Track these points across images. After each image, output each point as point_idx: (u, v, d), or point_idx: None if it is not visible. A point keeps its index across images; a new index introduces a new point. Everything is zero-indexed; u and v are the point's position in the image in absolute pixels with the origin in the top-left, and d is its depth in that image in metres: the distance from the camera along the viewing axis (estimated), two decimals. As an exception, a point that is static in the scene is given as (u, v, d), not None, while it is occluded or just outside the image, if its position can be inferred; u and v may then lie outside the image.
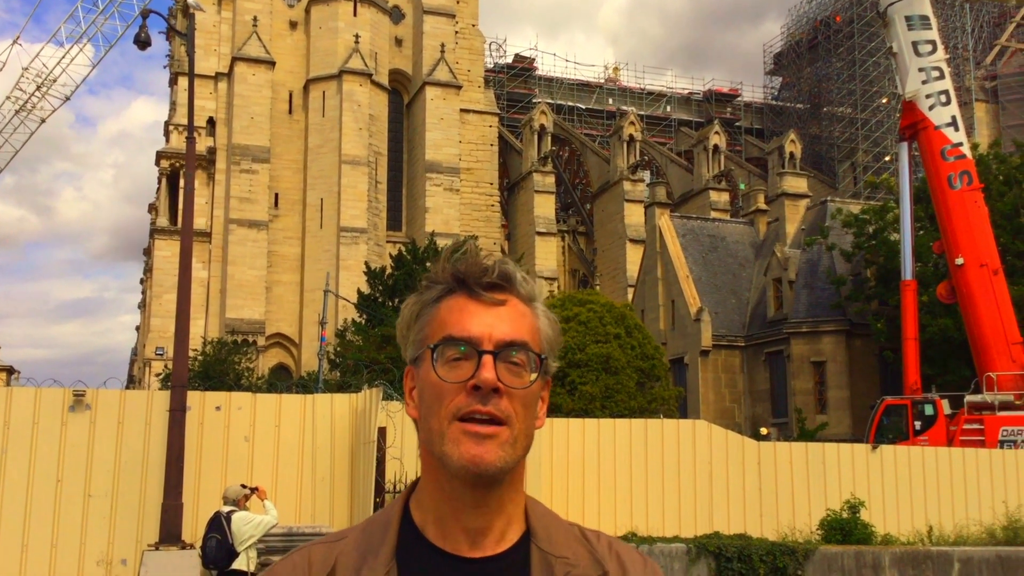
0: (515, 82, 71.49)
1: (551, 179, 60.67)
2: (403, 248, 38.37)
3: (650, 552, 13.43)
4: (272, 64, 54.52)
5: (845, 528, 15.14)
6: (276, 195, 54.26)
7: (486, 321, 1.48)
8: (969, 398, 26.42)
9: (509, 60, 72.45)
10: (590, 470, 15.33)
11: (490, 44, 69.26)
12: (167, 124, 59.36)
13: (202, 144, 52.87)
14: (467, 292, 1.51)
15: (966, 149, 28.55)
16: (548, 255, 58.87)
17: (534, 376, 1.49)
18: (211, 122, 55.60)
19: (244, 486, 10.72)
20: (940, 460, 17.77)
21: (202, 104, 53.43)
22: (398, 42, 59.78)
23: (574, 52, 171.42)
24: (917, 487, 17.20)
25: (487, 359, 1.45)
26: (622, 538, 13.24)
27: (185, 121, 53.80)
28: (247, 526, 9.96)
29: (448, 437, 1.44)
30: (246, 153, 53.15)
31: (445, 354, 1.47)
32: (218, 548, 9.88)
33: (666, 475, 15.65)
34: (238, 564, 9.84)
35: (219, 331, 49.74)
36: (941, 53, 29.31)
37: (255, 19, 54.42)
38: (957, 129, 28.41)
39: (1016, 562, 15.16)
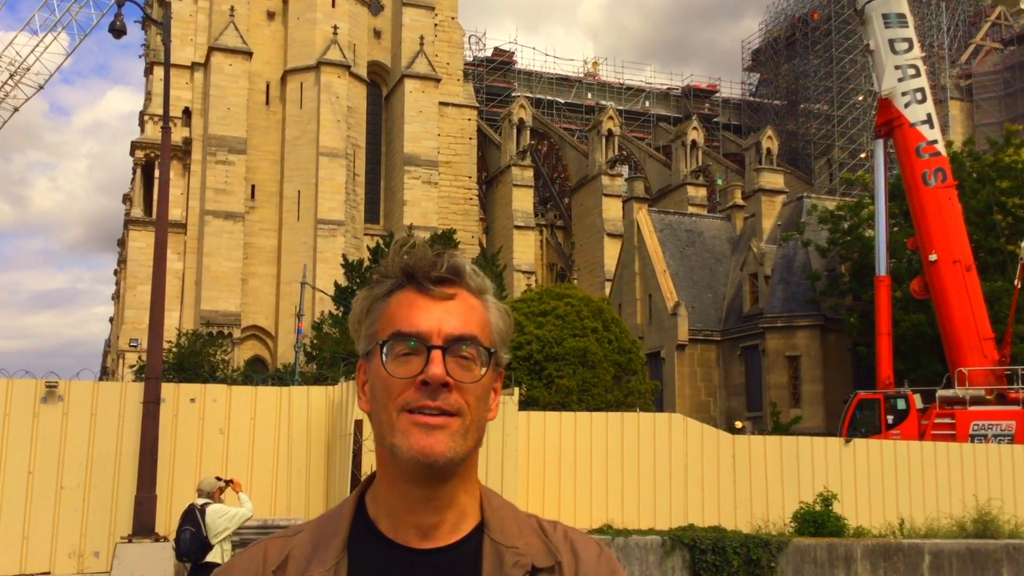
0: (494, 76, 71.39)
1: (529, 173, 60.69)
2: (381, 241, 38.29)
3: (625, 544, 13.50)
4: (249, 55, 54.14)
5: (818, 521, 15.29)
6: (252, 187, 53.93)
7: (435, 316, 1.48)
8: (941, 393, 26.71)
9: (488, 53, 72.34)
10: (566, 463, 15.38)
11: (469, 37, 69.15)
12: (142, 114, 58.81)
13: (178, 135, 52.45)
14: (416, 286, 1.51)
15: (941, 147, 28.82)
16: (526, 249, 58.91)
17: (484, 370, 1.49)
18: (187, 112, 55.16)
19: (219, 478, 10.66)
20: (912, 454, 17.97)
21: (178, 94, 53.00)
22: (377, 34, 59.53)
23: (554, 46, 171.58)
24: (889, 480, 17.39)
25: (436, 354, 1.45)
26: (597, 531, 13.23)
27: (160, 111, 53.31)
28: (221, 519, 9.91)
29: (398, 429, 1.45)
30: (222, 144, 52.78)
31: (394, 349, 1.47)
32: (192, 540, 9.83)
33: (642, 468, 15.73)
34: (212, 556, 9.79)
35: (194, 323, 49.42)
36: (917, 51, 29.55)
37: (232, 9, 54.00)
38: (932, 127, 28.67)
39: (985, 555, 15.36)
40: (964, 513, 16.76)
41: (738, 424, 33.44)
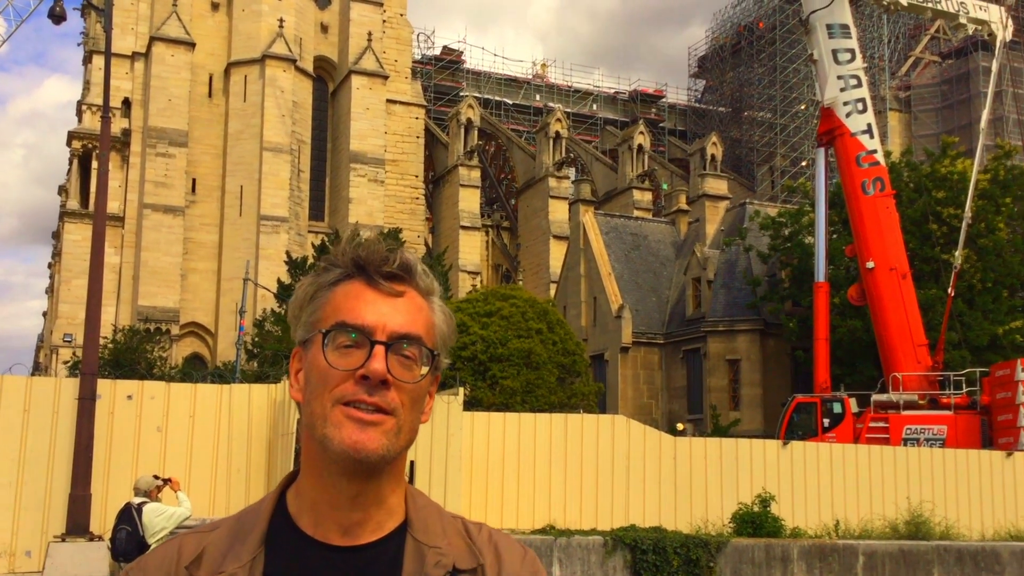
0: (443, 74, 71.20)
1: (477, 173, 60.63)
2: (326, 238, 37.91)
3: (567, 544, 13.55)
4: (192, 45, 53.22)
5: (756, 521, 15.52)
6: (194, 180, 53.02)
7: (382, 311, 1.46)
8: (875, 397, 27.29)
9: (437, 52, 72.13)
10: (510, 464, 15.40)
11: (418, 35, 68.88)
12: (80, 104, 57.48)
13: (117, 126, 51.36)
14: (365, 279, 1.48)
15: (880, 156, 29.46)
16: (472, 249, 58.84)
17: (425, 371, 1.47)
18: (127, 103, 54.04)
19: (157, 477, 10.47)
20: (847, 456, 18.33)
21: (118, 84, 51.86)
22: (324, 28, 58.95)
23: (503, 47, 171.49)
24: (825, 482, 17.72)
25: (379, 349, 1.43)
26: (540, 531, 13.25)
27: (99, 101, 52.09)
28: (159, 518, 9.73)
29: (330, 420, 1.42)
30: (163, 136, 51.83)
31: (336, 340, 1.44)
32: (128, 540, 9.63)
33: (585, 469, 15.82)
34: (149, 556, 9.59)
35: (131, 319, 48.44)
36: (859, 62, 30.17)
37: (176, -1, 53.06)
38: (872, 136, 29.28)
39: (917, 556, 15.73)
40: (897, 515, 17.15)
41: (679, 426, 33.79)
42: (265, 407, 14.35)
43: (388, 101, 58.61)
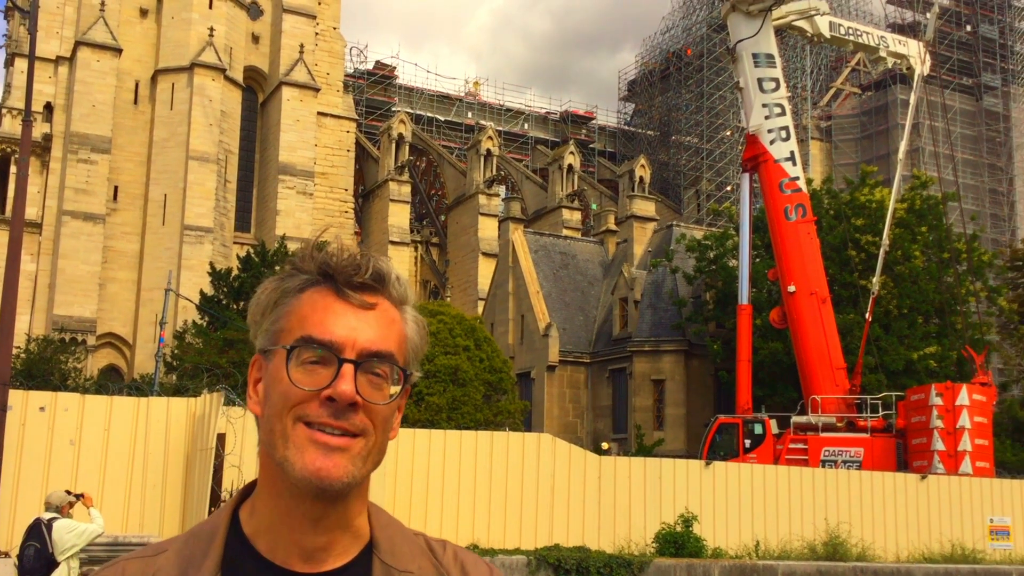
0: (375, 89, 70.92)
1: (407, 188, 60.42)
2: (251, 250, 37.30)
3: (491, 564, 13.48)
4: (119, 51, 52.06)
5: (678, 541, 15.66)
6: (116, 188, 51.75)
7: (351, 325, 1.34)
8: (795, 419, 27.81)
9: (370, 66, 71.83)
10: (435, 481, 15.28)
11: (351, 49, 68.53)
12: (0, 107, 55.73)
13: (38, 130, 49.91)
14: (334, 288, 1.37)
15: (802, 183, 30.20)
16: (401, 264, 58.46)
17: (396, 389, 1.37)
18: (49, 108, 52.57)
19: (69, 492, 10.11)
20: (767, 477, 18.63)
21: (41, 88, 50.42)
22: (255, 39, 58.26)
23: (437, 64, 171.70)
24: (746, 502, 17.97)
25: (347, 369, 1.32)
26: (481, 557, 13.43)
27: (20, 104, 50.71)
28: (70, 534, 9.39)
29: (292, 442, 1.31)
30: (85, 142, 50.51)
31: (301, 356, 1.33)
32: (36, 557, 9.27)
33: (510, 487, 15.77)
34: (58, 574, 9.26)
35: (45, 328, 46.94)
36: (783, 91, 30.94)
37: (103, 3, 51.88)
38: (795, 164, 30.02)
39: None
40: (815, 536, 17.47)
41: (604, 445, 34.00)
42: (184, 422, 14.00)
43: (319, 114, 58.12)
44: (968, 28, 65.60)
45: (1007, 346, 42.88)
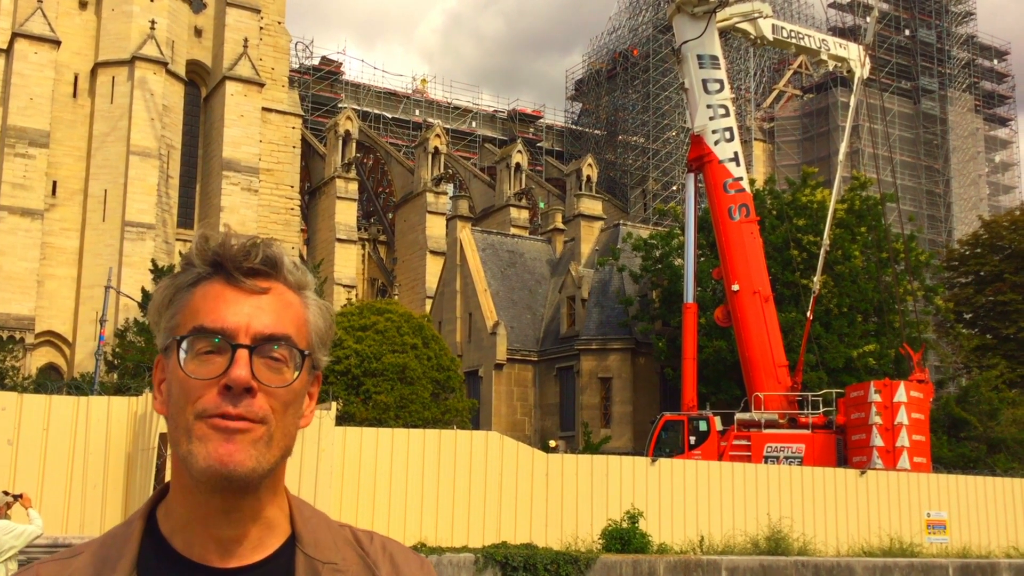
0: (321, 85, 70.29)
1: (354, 186, 60.01)
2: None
3: (438, 563, 13.47)
4: (57, 44, 50.90)
5: (624, 538, 15.80)
6: (54, 183, 50.61)
7: (243, 311, 1.34)
8: (739, 416, 28.19)
9: (316, 62, 71.17)
10: (382, 480, 15.23)
11: (296, 44, 67.81)
12: (-69, 98, 54.12)
13: (-28, 122, 48.62)
14: (225, 277, 1.37)
15: (745, 184, 30.64)
16: (348, 263, 58.09)
17: (297, 373, 1.36)
18: (-16, 100, 51.23)
19: (6, 492, 9.89)
20: (712, 474, 18.88)
21: (-26, 79, 49.16)
22: (198, 32, 57.35)
23: (390, 64, 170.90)
24: (691, 499, 18.20)
25: (241, 354, 1.31)
26: (411, 548, 13.31)
27: (-47, 96, 49.32)
28: (7, 536, 9.19)
29: (195, 434, 1.30)
30: (23, 136, 49.30)
31: (195, 346, 1.33)
32: (-28, 561, 9.05)
33: (457, 485, 15.78)
34: (-6, 578, 9.05)
35: (-19, 326, 45.76)
36: (727, 92, 31.36)
37: (41, -7, 50.69)
38: (739, 164, 30.45)
39: (777, 570, 16.32)
40: (758, 531, 17.75)
41: (551, 443, 34.14)
42: (125, 421, 13.78)
43: (264, 109, 57.43)
44: (907, 32, 67.11)
45: (943, 344, 44.00)
